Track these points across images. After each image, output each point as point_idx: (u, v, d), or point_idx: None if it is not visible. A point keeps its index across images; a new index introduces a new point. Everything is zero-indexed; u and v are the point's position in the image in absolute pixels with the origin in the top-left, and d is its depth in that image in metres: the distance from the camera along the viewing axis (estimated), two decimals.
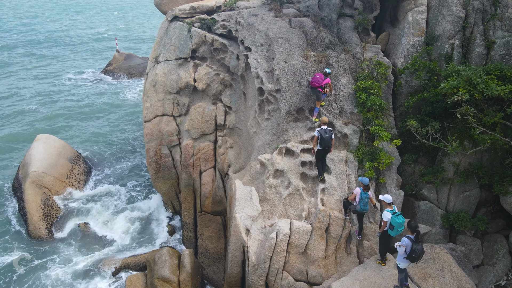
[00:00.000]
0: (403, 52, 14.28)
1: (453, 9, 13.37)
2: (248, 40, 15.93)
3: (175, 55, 18.41)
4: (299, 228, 11.77)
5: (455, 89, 11.30)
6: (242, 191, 13.41)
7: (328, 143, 12.06)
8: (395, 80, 14.14)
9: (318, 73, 13.14)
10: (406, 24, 14.47)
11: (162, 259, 14.26)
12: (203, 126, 17.56)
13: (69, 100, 33.24)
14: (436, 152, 13.24)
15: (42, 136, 23.16)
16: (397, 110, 14.11)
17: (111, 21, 66.41)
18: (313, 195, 12.85)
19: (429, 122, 12.60)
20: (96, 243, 17.95)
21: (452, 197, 12.73)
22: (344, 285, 10.64)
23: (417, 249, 9.43)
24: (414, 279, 10.60)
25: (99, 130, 28.18)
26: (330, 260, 12.05)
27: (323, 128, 12.14)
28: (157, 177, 19.25)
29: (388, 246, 11.39)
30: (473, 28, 13.06)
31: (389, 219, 10.46)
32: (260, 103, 14.71)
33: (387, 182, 12.72)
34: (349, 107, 13.66)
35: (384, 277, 10.63)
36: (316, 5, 16.30)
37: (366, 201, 11.29)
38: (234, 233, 12.28)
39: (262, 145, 14.34)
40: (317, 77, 12.87)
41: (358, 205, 11.41)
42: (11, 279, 15.72)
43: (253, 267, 11.89)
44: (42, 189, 19.99)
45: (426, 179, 12.77)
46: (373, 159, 12.73)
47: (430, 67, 13.00)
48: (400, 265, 9.89)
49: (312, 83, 12.96)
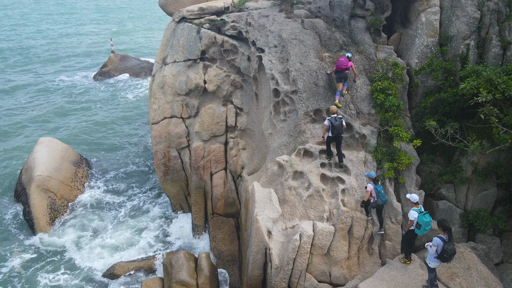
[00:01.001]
0: (417, 53, 14.38)
1: (468, 10, 13.51)
2: (260, 41, 15.88)
3: (183, 57, 18.27)
4: (322, 230, 11.77)
5: (475, 89, 11.43)
6: (261, 193, 13.36)
7: (339, 130, 12.26)
8: (410, 80, 14.22)
9: (341, 57, 13.30)
10: (419, 24, 14.57)
11: (179, 263, 14.12)
12: (214, 128, 17.46)
13: (66, 102, 32.75)
14: (452, 151, 13.37)
15: (45, 139, 22.75)
16: (412, 110, 14.20)
17: (105, 22, 65.64)
18: (333, 196, 12.87)
19: (446, 122, 12.72)
20: (105, 247, 17.69)
21: (471, 196, 12.87)
22: (371, 285, 10.67)
23: (449, 249, 9.47)
24: (441, 278, 10.68)
25: (99, 133, 27.83)
26: (353, 261, 12.07)
27: (332, 117, 12.33)
28: (166, 179, 19.08)
29: (413, 246, 11.46)
30: (488, 28, 13.22)
31: (415, 218, 10.53)
32: (275, 105, 14.67)
33: (406, 182, 12.79)
34: (366, 107, 13.70)
35: (411, 277, 10.70)
36: (327, 6, 16.33)
37: (383, 192, 11.53)
38: (256, 236, 12.21)
39: (278, 147, 14.30)
40: (342, 60, 13.11)
41: (378, 199, 11.55)
42: (19, 284, 15.42)
43: (276, 269, 11.84)
44: (48, 193, 19.64)
45: (444, 179, 12.88)
46: (392, 160, 12.79)
47: (446, 68, 13.11)
48: (430, 264, 9.94)
49: (339, 66, 13.14)
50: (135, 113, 31.21)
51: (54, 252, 17.22)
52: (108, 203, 20.57)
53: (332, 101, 13.73)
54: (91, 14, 73.00)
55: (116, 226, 18.89)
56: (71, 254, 17.16)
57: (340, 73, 13.25)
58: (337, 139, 12.68)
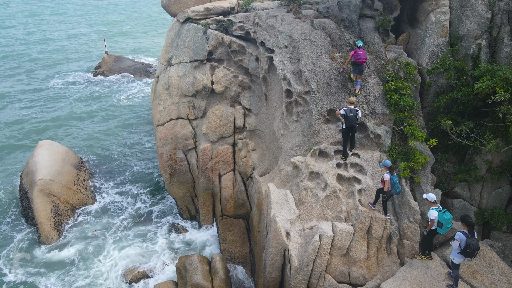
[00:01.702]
0: (428, 52, 14.48)
1: (479, 10, 13.66)
2: (269, 41, 15.81)
3: (189, 57, 18.11)
4: (342, 230, 11.75)
5: (491, 88, 11.54)
6: (277, 194, 13.30)
7: (352, 122, 12.37)
8: (421, 80, 14.31)
9: (359, 49, 13.34)
10: (429, 24, 14.67)
11: (194, 266, 13.98)
12: (222, 129, 17.34)
13: (62, 106, 32.16)
14: (465, 150, 13.49)
15: (45, 142, 22.31)
16: (424, 110, 14.29)
17: (95, 23, 64.77)
18: (350, 196, 12.87)
19: (460, 121, 12.83)
20: (112, 251, 17.41)
21: (485, 194, 13.01)
22: (394, 285, 10.69)
23: (472, 244, 9.54)
24: (463, 277, 10.75)
25: (97, 135, 27.39)
26: (372, 260, 12.09)
27: (349, 108, 12.44)
28: (172, 181, 18.90)
29: (432, 244, 11.54)
30: (499, 28, 13.38)
31: (436, 217, 10.59)
32: (287, 105, 14.62)
33: (422, 182, 12.86)
34: (380, 107, 13.74)
35: (433, 276, 10.75)
36: (336, 6, 16.35)
37: (398, 183, 11.60)
38: (274, 237, 12.14)
39: (291, 147, 14.25)
40: (361, 53, 13.18)
41: (393, 189, 11.64)
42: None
43: (296, 271, 11.79)
44: (51, 197, 19.27)
45: (460, 177, 12.99)
46: (407, 159, 12.84)
47: (459, 67, 13.22)
48: (454, 260, 10.02)
49: (360, 60, 13.20)
50: (132, 114, 30.81)
51: (60, 259, 16.85)
52: (113, 206, 20.27)
53: (345, 102, 13.72)
54: (80, 14, 71.97)
55: (122, 230, 18.60)
56: (78, 260, 16.82)
57: (359, 65, 13.40)
58: (351, 130, 12.85)
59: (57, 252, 17.18)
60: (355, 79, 13.86)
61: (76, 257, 16.92)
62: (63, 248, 17.40)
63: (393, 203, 12.92)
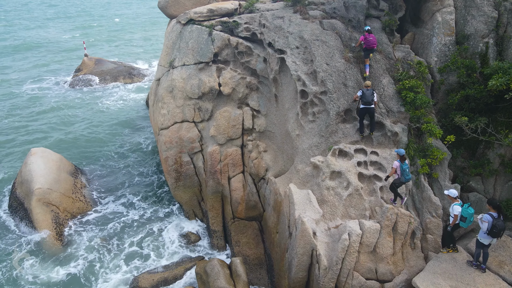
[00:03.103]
0: (436, 51, 14.91)
1: (485, 10, 14.19)
2: (279, 42, 15.83)
3: (194, 59, 17.87)
4: (370, 228, 11.92)
5: (505, 85, 12.03)
6: (299, 195, 13.34)
7: (368, 99, 12.88)
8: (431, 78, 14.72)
9: (368, 34, 14.04)
10: (436, 24, 15.12)
11: (215, 270, 13.80)
12: (230, 131, 17.21)
13: (44, 111, 30.94)
14: (477, 145, 13.99)
15: (37, 150, 21.40)
16: (434, 107, 14.70)
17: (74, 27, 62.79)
18: (371, 194, 13.08)
19: (474, 117, 13.30)
20: (120, 259, 16.95)
21: (498, 187, 13.54)
22: (426, 279, 10.95)
23: (498, 224, 10.17)
24: (490, 267, 11.14)
25: (85, 140, 26.53)
26: (397, 256, 12.33)
27: (365, 88, 13.02)
28: (178, 186, 18.60)
29: (454, 237, 11.95)
30: (506, 27, 13.95)
31: (459, 212, 10.96)
32: (302, 106, 14.68)
33: (440, 177, 13.24)
34: (395, 106, 14.03)
35: (463, 268, 11.09)
36: (342, 7, 16.56)
37: (408, 170, 11.90)
38: (301, 238, 12.17)
39: (309, 148, 14.32)
40: (372, 39, 13.95)
41: (402, 176, 11.97)
42: None
43: (325, 270, 11.87)
44: (50, 207, 18.56)
45: (475, 172, 13.46)
46: (425, 156, 13.18)
47: (469, 65, 13.69)
48: (481, 240, 10.61)
49: (371, 45, 13.94)
50: (120, 119, 30.01)
51: (68, 268, 16.27)
52: (114, 213, 19.73)
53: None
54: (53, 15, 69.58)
55: (128, 237, 18.12)
56: (88, 268, 16.30)
57: (371, 50, 14.08)
58: (369, 111, 13.21)
59: (64, 264, 16.55)
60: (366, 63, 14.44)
61: (83, 267, 16.35)
62: (70, 259, 16.78)
63: (413, 199, 13.24)
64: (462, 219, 10.99)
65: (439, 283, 10.75)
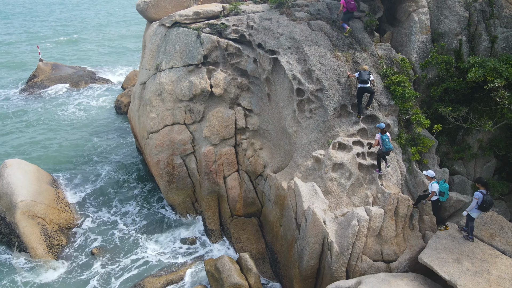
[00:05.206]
0: (415, 49, 16.27)
1: (457, 10, 15.74)
2: (270, 43, 16.45)
3: (182, 62, 18.01)
4: (376, 213, 12.91)
5: (482, 77, 13.54)
6: (305, 188, 14.07)
7: (364, 77, 14.06)
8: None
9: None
10: (413, 23, 16.47)
11: (227, 267, 14.16)
12: (223, 131, 17.56)
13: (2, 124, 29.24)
14: (456, 132, 15.50)
15: (12, 161, 20.35)
16: (418, 99, 16.03)
17: (23, 31, 59.08)
18: (371, 182, 14.10)
19: (455, 107, 14.74)
20: (119, 266, 16.74)
21: (478, 169, 15.12)
22: (430, 255, 12.09)
23: (487, 200, 11.75)
24: (484, 239, 12.52)
25: (55, 151, 25.40)
26: (400, 237, 13.43)
27: (361, 71, 14.28)
28: (170, 188, 18.66)
29: (440, 212, 13.46)
30: (476, 25, 15.57)
31: (437, 189, 12.57)
32: (299, 103, 15.40)
33: (429, 163, 14.55)
34: (385, 100, 15.16)
35: (461, 242, 12.36)
36: (326, 8, 17.50)
37: (388, 141, 13.29)
38: (313, 227, 12.90)
39: (308, 143, 15.08)
40: (353, 2, 15.91)
41: (383, 146, 13.38)
42: None
43: (337, 256, 12.69)
44: (36, 219, 17.84)
45: (458, 156, 14.93)
46: (415, 144, 14.43)
47: (447, 61, 15.14)
48: (472, 214, 12.15)
49: (352, 8, 15.98)
50: (87, 125, 28.95)
51: (65, 281, 15.80)
52: (104, 222, 19.32)
53: (353, 96, 14.92)
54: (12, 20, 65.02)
55: (122, 245, 17.85)
56: (87, 278, 15.93)
57: (351, 13, 16.22)
58: (366, 90, 14.30)
59: (60, 277, 16.05)
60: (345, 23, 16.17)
61: (81, 280, 15.96)
62: (65, 272, 16.29)
63: (408, 185, 14.44)
64: (441, 194, 12.60)
65: (443, 257, 11.93)
